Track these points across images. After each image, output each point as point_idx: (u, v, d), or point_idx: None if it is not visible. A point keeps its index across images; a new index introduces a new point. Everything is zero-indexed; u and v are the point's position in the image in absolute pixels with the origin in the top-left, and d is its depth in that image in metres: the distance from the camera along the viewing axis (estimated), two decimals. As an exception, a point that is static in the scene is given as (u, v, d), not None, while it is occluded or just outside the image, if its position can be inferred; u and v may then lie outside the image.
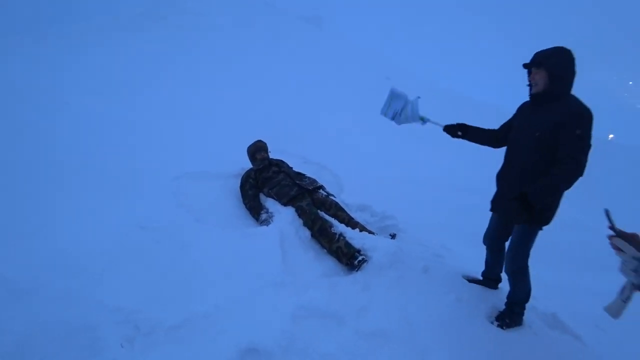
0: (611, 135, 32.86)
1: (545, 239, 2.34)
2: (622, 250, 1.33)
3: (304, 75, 12.09)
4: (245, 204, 3.51)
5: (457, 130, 2.62)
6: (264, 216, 3.28)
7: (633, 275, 1.32)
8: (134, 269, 2.29)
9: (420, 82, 17.44)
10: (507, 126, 2.47)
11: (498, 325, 2.42)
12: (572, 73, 2.11)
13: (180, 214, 3.03)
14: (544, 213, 2.20)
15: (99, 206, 2.78)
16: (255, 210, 3.38)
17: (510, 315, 2.45)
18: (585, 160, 2.01)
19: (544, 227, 2.27)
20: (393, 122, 2.94)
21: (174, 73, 8.69)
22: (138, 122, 5.03)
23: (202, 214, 3.14)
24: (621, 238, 1.33)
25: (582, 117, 2.03)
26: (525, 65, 2.21)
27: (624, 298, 1.39)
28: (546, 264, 3.24)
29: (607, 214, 1.42)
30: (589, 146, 2.02)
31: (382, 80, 14.69)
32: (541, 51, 2.15)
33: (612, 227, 1.37)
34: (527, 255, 2.35)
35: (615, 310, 1.43)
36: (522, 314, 2.47)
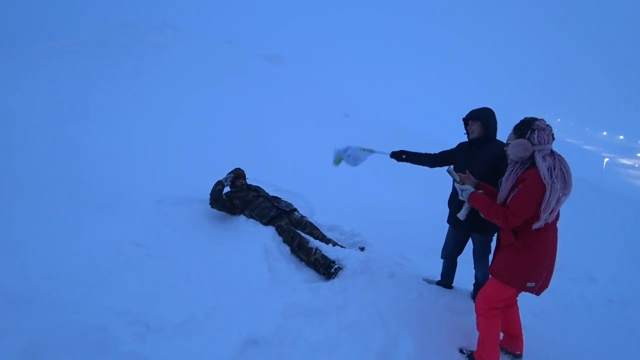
0: (546, 167, 36.70)
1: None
2: (458, 188, 2.48)
3: (265, 111, 12.65)
4: (210, 197, 3.91)
5: (402, 155, 3.23)
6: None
7: (460, 195, 2.47)
8: (130, 279, 2.50)
9: (373, 119, 18.73)
10: (447, 155, 3.12)
11: None
12: (496, 124, 2.86)
13: (168, 233, 3.28)
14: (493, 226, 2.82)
15: (90, 225, 2.97)
16: (216, 200, 3.85)
17: None
18: None
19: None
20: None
21: (134, 103, 8.75)
22: (110, 148, 5.19)
23: (188, 232, 3.40)
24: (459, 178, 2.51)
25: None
26: (464, 119, 2.92)
27: (466, 208, 2.56)
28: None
29: (450, 172, 2.58)
30: None
31: (340, 117, 15.69)
32: (475, 109, 2.89)
33: (455, 177, 2.52)
34: (488, 258, 2.96)
35: (462, 215, 2.59)
36: None
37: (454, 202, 3.05)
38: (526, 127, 2.22)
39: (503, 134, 2.61)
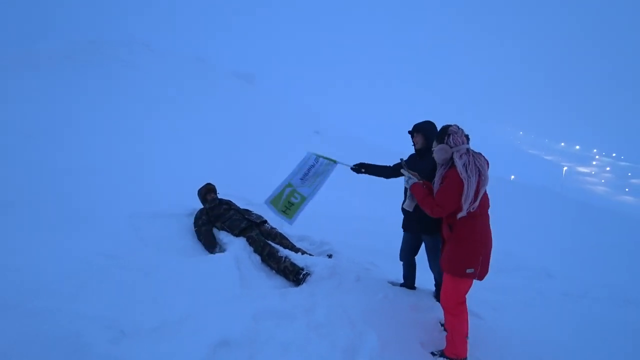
0: (512, 176, 38.56)
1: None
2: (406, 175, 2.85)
3: (237, 128, 12.76)
4: (200, 239, 3.87)
5: (361, 168, 3.52)
6: (217, 250, 3.69)
7: (405, 183, 2.86)
8: (103, 288, 2.54)
9: (343, 135, 19.18)
10: (400, 166, 3.35)
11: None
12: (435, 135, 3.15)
13: (140, 246, 3.33)
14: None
15: (60, 238, 3.01)
16: (210, 244, 3.76)
17: None
18: None
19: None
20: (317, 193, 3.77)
21: (104, 120, 8.62)
22: (78, 165, 5.16)
23: (160, 245, 3.46)
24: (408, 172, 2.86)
25: None
26: (409, 132, 3.26)
27: (411, 197, 2.84)
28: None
29: (403, 164, 2.98)
30: None
31: (311, 134, 16.00)
32: (418, 123, 3.23)
33: (406, 170, 2.89)
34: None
35: (408, 205, 2.90)
36: None
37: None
38: (443, 134, 2.59)
39: (480, 144, 2.90)
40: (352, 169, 3.56)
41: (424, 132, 3.14)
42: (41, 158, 4.99)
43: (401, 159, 3.06)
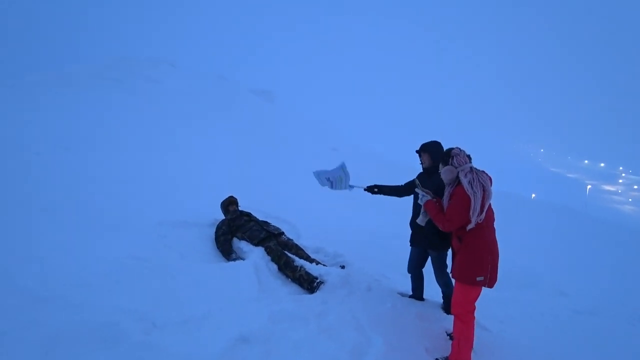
0: (533, 195, 37.82)
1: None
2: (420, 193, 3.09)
3: (256, 144, 13.20)
4: (218, 247, 4.16)
5: (374, 189, 3.74)
6: (233, 256, 3.96)
7: (419, 200, 3.10)
8: (136, 286, 2.85)
9: (361, 152, 19.43)
10: (410, 185, 3.63)
11: (449, 313, 3.34)
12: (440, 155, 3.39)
13: (166, 252, 3.63)
14: (446, 244, 3.30)
15: (96, 241, 3.35)
16: (226, 252, 4.04)
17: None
18: None
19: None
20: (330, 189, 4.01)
21: (132, 134, 9.14)
22: (110, 175, 5.59)
23: (184, 253, 3.76)
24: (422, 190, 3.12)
25: None
26: (417, 151, 3.49)
27: (424, 213, 3.11)
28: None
29: (417, 184, 3.22)
30: None
31: (329, 150, 16.33)
32: (424, 143, 3.46)
33: (419, 188, 3.14)
34: (446, 270, 3.41)
35: (421, 220, 3.16)
36: None
37: (414, 223, 3.52)
38: (447, 156, 2.87)
39: (491, 166, 3.13)
40: (365, 189, 3.78)
41: (430, 152, 3.37)
42: (77, 168, 5.43)
43: (415, 179, 3.27)
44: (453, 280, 2.93)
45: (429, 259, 3.55)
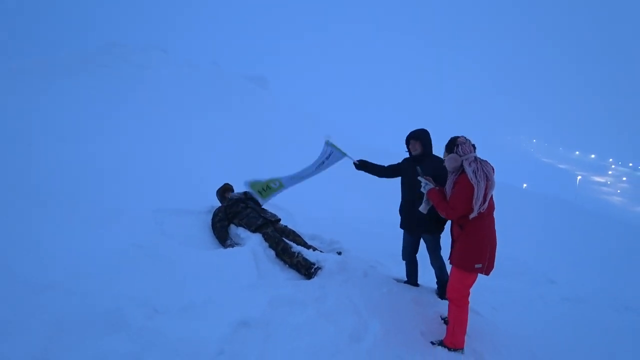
0: (525, 185, 38.23)
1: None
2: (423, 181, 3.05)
3: (249, 131, 13.12)
4: (214, 234, 4.18)
5: (360, 165, 3.83)
6: (228, 242, 3.99)
7: (422, 188, 3.06)
8: (136, 274, 2.86)
9: (353, 142, 19.41)
10: (394, 168, 3.70)
11: (443, 298, 3.49)
12: (431, 142, 3.49)
13: (164, 239, 3.64)
14: (440, 226, 3.39)
15: (94, 230, 3.34)
16: (222, 238, 4.06)
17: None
18: None
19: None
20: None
21: (125, 123, 9.01)
22: (104, 163, 5.53)
23: (182, 238, 3.77)
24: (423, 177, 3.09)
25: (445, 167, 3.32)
26: (407, 139, 3.52)
27: (427, 201, 3.07)
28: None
29: (419, 172, 3.14)
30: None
31: (323, 139, 16.25)
32: (414, 131, 3.51)
33: (421, 176, 3.10)
34: (440, 253, 3.53)
35: (423, 208, 3.13)
36: None
37: (404, 210, 3.63)
38: (452, 144, 2.86)
39: (484, 156, 3.17)
40: (354, 163, 3.86)
41: (421, 139, 3.42)
42: (71, 158, 5.36)
43: (418, 167, 3.24)
44: (448, 265, 3.01)
45: (423, 245, 3.62)
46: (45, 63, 12.45)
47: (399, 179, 3.70)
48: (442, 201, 2.91)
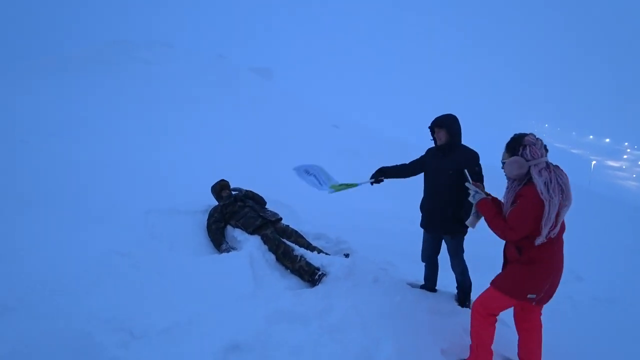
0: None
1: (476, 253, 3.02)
2: (472, 189, 2.47)
3: (255, 124, 12.76)
4: (209, 236, 3.83)
5: (379, 177, 3.35)
6: (224, 246, 3.63)
7: (471, 197, 2.47)
8: (116, 287, 2.53)
9: (362, 129, 18.92)
10: (418, 163, 3.24)
11: (465, 306, 3.18)
12: (459, 130, 2.99)
13: (154, 244, 3.30)
14: (464, 226, 2.92)
15: (76, 235, 3.01)
16: (217, 241, 3.71)
17: (468, 297, 3.23)
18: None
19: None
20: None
21: (125, 119, 8.79)
22: (99, 162, 5.23)
23: (174, 244, 3.43)
24: (473, 184, 2.50)
25: (476, 159, 2.94)
26: (430, 127, 3.03)
27: (476, 214, 2.50)
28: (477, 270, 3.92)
29: (466, 176, 2.58)
30: (483, 177, 2.87)
31: (330, 128, 15.84)
32: (439, 117, 3.00)
33: (469, 181, 2.54)
34: (463, 256, 3.13)
35: (471, 222, 2.54)
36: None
37: (425, 207, 3.20)
38: (517, 144, 2.20)
39: (495, 141, 2.72)
40: (372, 183, 3.40)
41: (447, 127, 2.94)
42: (62, 155, 5.07)
43: (464, 170, 2.65)
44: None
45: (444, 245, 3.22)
46: (51, 62, 12.31)
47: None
48: (498, 217, 2.25)
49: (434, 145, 3.09)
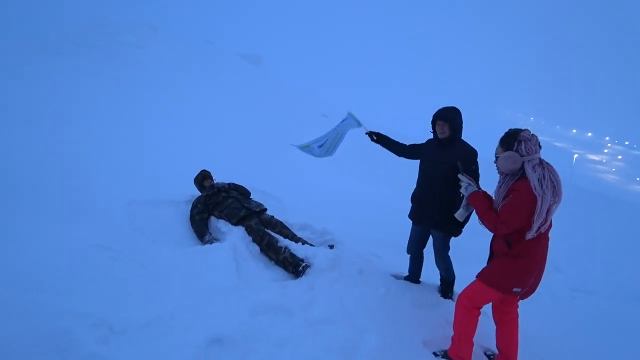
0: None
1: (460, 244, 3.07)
2: (464, 181, 2.48)
3: (242, 112, 12.57)
4: (192, 227, 3.77)
5: (373, 136, 3.34)
6: (207, 237, 3.57)
7: (464, 189, 2.48)
8: (97, 281, 2.46)
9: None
10: (416, 148, 3.22)
11: (447, 298, 3.24)
12: (462, 124, 2.94)
13: (136, 236, 3.23)
14: (454, 228, 2.98)
15: (55, 228, 2.90)
16: (200, 233, 3.65)
17: (451, 289, 3.30)
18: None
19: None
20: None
21: (107, 105, 8.51)
22: (79, 151, 5.06)
23: (157, 235, 3.37)
24: (464, 175, 2.51)
25: (474, 155, 2.92)
26: (433, 119, 2.96)
27: (466, 207, 2.54)
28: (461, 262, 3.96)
29: (460, 168, 2.61)
30: (479, 175, 2.86)
31: (319, 117, 15.73)
32: (443, 109, 2.93)
33: (460, 171, 2.57)
34: (448, 254, 3.15)
35: (460, 214, 2.58)
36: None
37: (416, 197, 3.19)
38: (512, 139, 2.22)
39: (474, 133, 2.72)
40: (367, 133, 3.39)
41: (451, 121, 2.86)
42: (39, 145, 4.88)
43: (458, 162, 2.68)
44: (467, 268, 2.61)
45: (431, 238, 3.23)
46: (27, 44, 11.73)
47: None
48: (489, 211, 2.27)
49: (433, 137, 3.04)
